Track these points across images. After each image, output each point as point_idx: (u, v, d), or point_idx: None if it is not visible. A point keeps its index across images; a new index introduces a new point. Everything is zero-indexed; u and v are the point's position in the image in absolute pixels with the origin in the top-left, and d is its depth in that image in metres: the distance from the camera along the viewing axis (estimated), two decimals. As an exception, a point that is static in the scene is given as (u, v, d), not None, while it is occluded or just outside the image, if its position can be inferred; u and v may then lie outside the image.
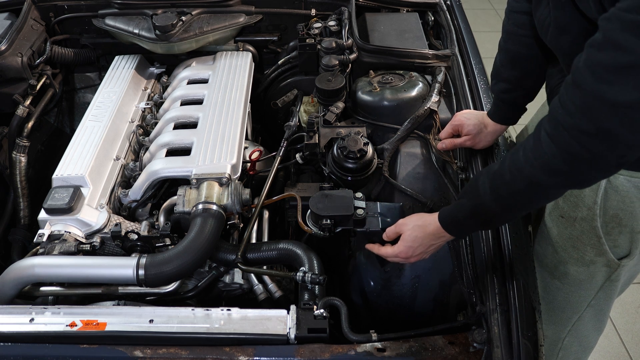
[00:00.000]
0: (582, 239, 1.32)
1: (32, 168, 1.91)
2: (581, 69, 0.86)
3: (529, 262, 1.24)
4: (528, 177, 0.97)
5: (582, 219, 1.30)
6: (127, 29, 1.99)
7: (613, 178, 1.20)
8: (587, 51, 0.86)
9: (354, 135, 1.47)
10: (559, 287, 1.45)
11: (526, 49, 1.30)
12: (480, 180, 1.07)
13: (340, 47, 1.83)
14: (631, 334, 2.41)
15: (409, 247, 1.20)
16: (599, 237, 1.30)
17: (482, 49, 1.89)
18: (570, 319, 1.51)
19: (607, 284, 1.39)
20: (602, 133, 0.85)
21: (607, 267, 1.35)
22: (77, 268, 1.26)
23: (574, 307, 1.48)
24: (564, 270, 1.41)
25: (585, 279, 1.39)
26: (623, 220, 1.26)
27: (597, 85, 0.83)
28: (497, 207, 1.04)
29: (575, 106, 0.87)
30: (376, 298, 1.48)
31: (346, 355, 1.05)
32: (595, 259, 1.34)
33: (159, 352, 1.05)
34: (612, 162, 0.89)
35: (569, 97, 0.89)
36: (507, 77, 1.36)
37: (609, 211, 1.25)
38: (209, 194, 1.41)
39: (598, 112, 0.84)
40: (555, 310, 1.50)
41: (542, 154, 0.93)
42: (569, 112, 0.88)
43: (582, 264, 1.36)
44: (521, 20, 1.29)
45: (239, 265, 1.34)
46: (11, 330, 1.10)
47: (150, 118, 1.86)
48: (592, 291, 1.42)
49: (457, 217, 1.12)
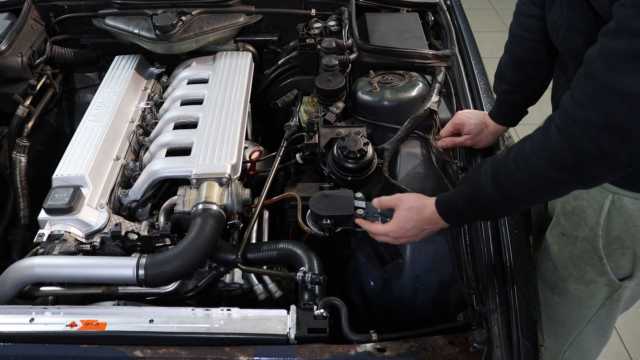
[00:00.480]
0: (582, 258, 1.29)
1: (32, 168, 1.91)
2: (594, 59, 0.83)
3: (529, 262, 1.24)
4: (533, 169, 0.94)
5: (584, 239, 1.27)
6: (127, 29, 1.99)
7: (617, 199, 1.17)
8: (600, 40, 0.82)
9: (354, 135, 1.47)
10: (559, 303, 1.42)
11: (531, 52, 1.29)
12: (483, 168, 1.04)
13: (340, 47, 1.83)
14: (631, 334, 2.41)
15: (400, 228, 1.18)
16: (600, 258, 1.27)
17: (482, 49, 1.89)
18: (571, 333, 1.48)
19: (608, 302, 1.36)
20: (613, 126, 0.81)
21: (609, 287, 1.32)
22: (77, 268, 1.26)
23: (575, 323, 1.45)
24: (564, 287, 1.38)
25: (586, 297, 1.36)
26: (626, 242, 1.23)
27: (610, 75, 0.80)
28: (497, 197, 1.01)
29: (587, 97, 0.84)
30: (376, 298, 1.48)
31: (346, 355, 1.05)
32: (596, 278, 1.31)
33: (159, 352, 1.05)
34: (622, 160, 0.86)
35: (580, 88, 0.85)
36: (510, 79, 1.36)
37: (611, 233, 1.22)
38: (209, 194, 1.41)
39: (610, 103, 0.80)
40: (555, 324, 1.48)
41: (550, 147, 0.90)
42: (580, 104, 0.85)
43: (583, 283, 1.33)
44: (528, 24, 1.27)
45: (239, 265, 1.34)
46: (11, 330, 1.10)
47: (150, 118, 1.86)
48: (593, 309, 1.39)
49: (455, 204, 1.10)
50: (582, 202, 1.24)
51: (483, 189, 1.03)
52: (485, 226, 1.25)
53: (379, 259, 1.42)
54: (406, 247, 1.38)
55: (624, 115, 0.80)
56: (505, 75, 1.37)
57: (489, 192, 1.02)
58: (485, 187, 1.02)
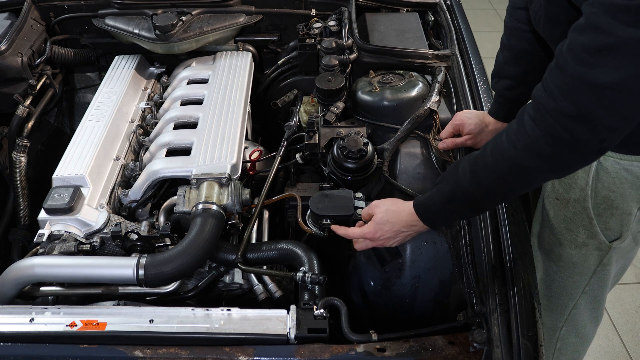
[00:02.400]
0: (574, 220, 1.35)
1: (32, 168, 1.91)
2: (564, 53, 0.88)
3: (529, 262, 1.24)
4: (511, 159, 0.97)
5: (575, 200, 1.32)
6: (127, 29, 1.99)
7: (603, 159, 1.22)
8: (570, 35, 0.88)
9: (354, 135, 1.47)
10: (555, 271, 1.48)
11: (529, 44, 1.31)
12: (461, 165, 1.07)
13: (340, 47, 1.82)
14: (631, 334, 2.41)
15: (377, 229, 1.20)
16: (590, 219, 1.32)
17: (482, 49, 1.89)
18: (566, 307, 1.53)
19: (600, 268, 1.42)
20: (583, 115, 0.86)
21: (599, 251, 1.38)
22: (77, 268, 1.26)
23: (570, 294, 1.50)
24: (559, 252, 1.44)
25: (579, 262, 1.42)
26: (614, 202, 1.28)
27: (578, 67, 0.85)
28: (476, 192, 1.04)
29: (557, 88, 0.89)
30: (376, 298, 1.48)
31: (346, 355, 1.05)
32: (587, 241, 1.36)
33: (159, 352, 1.05)
34: (593, 146, 0.90)
35: (551, 80, 0.90)
36: (511, 74, 1.37)
37: (600, 192, 1.27)
38: (209, 194, 1.41)
39: (579, 93, 0.86)
40: (552, 296, 1.53)
41: (526, 137, 0.94)
42: (551, 95, 0.90)
43: (575, 246, 1.39)
44: (523, 16, 1.30)
45: (239, 265, 1.34)
46: (11, 330, 1.10)
47: (150, 118, 1.86)
48: (586, 276, 1.44)
49: (434, 204, 1.12)
50: None
51: (461, 185, 1.06)
52: (485, 226, 1.26)
53: (379, 259, 1.42)
54: (406, 247, 1.38)
55: (592, 105, 0.85)
56: (505, 71, 1.39)
57: (467, 188, 1.05)
58: (463, 183, 1.05)
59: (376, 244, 1.24)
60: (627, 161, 1.20)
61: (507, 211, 1.26)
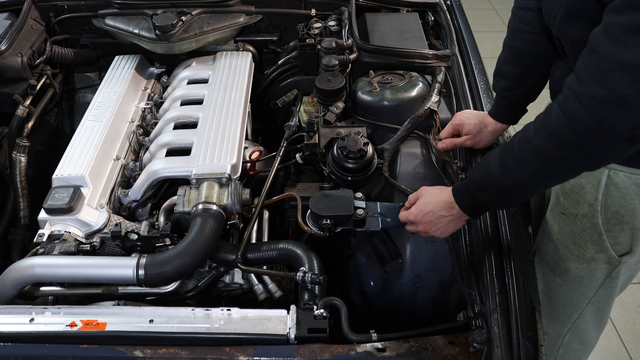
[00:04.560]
0: (583, 235, 1.33)
1: (32, 168, 1.91)
2: (598, 35, 0.84)
3: (529, 262, 1.24)
4: (535, 148, 0.95)
5: (583, 216, 1.30)
6: (127, 29, 1.99)
7: (613, 174, 1.20)
8: (605, 17, 0.83)
9: (354, 135, 1.47)
10: (560, 284, 1.46)
11: (530, 46, 1.30)
12: (493, 153, 1.07)
13: (340, 47, 1.83)
14: (631, 333, 2.41)
15: (419, 211, 1.21)
16: (600, 234, 1.30)
17: (482, 49, 1.89)
18: (571, 317, 1.52)
19: (608, 281, 1.40)
20: (615, 99, 0.82)
21: (608, 264, 1.35)
22: (77, 268, 1.26)
23: (575, 305, 1.48)
24: (565, 267, 1.41)
25: (586, 276, 1.39)
26: (624, 217, 1.26)
27: (614, 48, 0.81)
28: (504, 181, 1.03)
29: (590, 72, 0.85)
30: (376, 298, 1.48)
31: (346, 355, 1.05)
32: (596, 255, 1.34)
33: (159, 352, 1.05)
34: (623, 135, 0.85)
35: (584, 64, 0.86)
36: (510, 74, 1.37)
37: (610, 208, 1.25)
38: (209, 194, 1.41)
39: (612, 76, 0.81)
40: (556, 307, 1.51)
41: (550, 124, 0.92)
42: (582, 79, 0.86)
43: (583, 261, 1.36)
44: (527, 17, 1.29)
45: (239, 265, 1.34)
46: (11, 330, 1.10)
47: (150, 118, 1.86)
48: (593, 288, 1.42)
49: (467, 190, 1.13)
50: (580, 179, 1.27)
51: (490, 173, 1.05)
52: (485, 226, 1.26)
53: (379, 259, 1.42)
54: (406, 247, 1.39)
55: (626, 88, 0.80)
56: (504, 71, 1.38)
57: (496, 176, 1.04)
58: (493, 171, 1.05)
59: (421, 229, 1.23)
60: (638, 175, 1.18)
61: (507, 211, 1.26)
